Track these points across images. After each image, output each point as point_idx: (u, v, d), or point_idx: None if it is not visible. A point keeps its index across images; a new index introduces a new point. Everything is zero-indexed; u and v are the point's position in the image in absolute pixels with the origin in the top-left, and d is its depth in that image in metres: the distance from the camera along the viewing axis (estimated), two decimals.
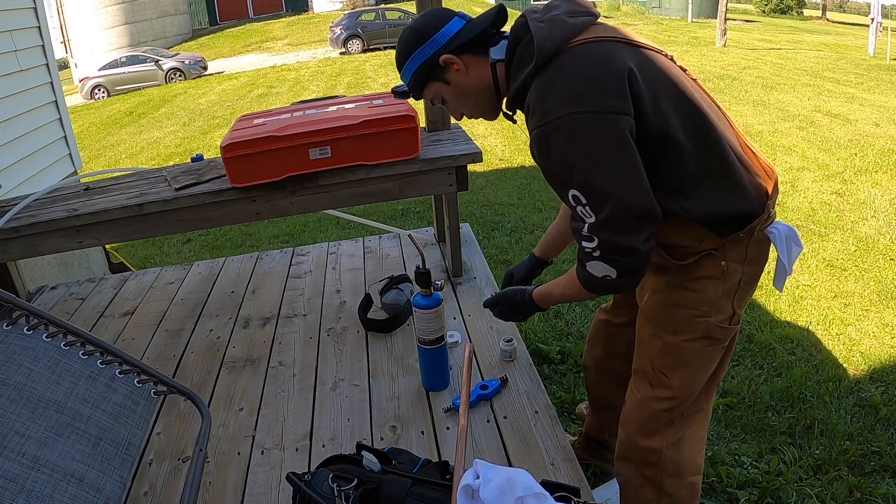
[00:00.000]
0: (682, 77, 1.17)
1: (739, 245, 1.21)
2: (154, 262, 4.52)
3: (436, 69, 1.22)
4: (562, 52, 1.10)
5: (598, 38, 1.12)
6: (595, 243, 1.11)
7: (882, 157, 5.44)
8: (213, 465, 1.60)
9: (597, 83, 1.06)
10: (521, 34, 1.17)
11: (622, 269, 1.12)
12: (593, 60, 1.08)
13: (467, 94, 1.26)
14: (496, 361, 1.89)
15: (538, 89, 1.10)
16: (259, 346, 2.12)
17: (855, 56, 12.77)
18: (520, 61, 1.16)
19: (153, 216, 2.08)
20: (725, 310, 1.25)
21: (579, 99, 1.05)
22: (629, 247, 1.09)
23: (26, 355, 1.26)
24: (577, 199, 1.09)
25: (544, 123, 1.08)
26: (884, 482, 1.93)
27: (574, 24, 1.13)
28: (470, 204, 4.87)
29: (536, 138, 1.10)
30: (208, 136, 9.26)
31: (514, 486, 0.99)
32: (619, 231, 1.09)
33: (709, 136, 1.14)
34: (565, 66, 1.09)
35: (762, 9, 30.36)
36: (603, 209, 1.08)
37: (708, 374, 1.34)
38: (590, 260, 1.14)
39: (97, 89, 17.04)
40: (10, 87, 3.20)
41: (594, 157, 1.06)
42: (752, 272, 1.26)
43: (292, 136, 1.98)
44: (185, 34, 25.13)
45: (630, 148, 1.07)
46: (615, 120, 1.05)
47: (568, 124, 1.05)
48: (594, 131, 1.05)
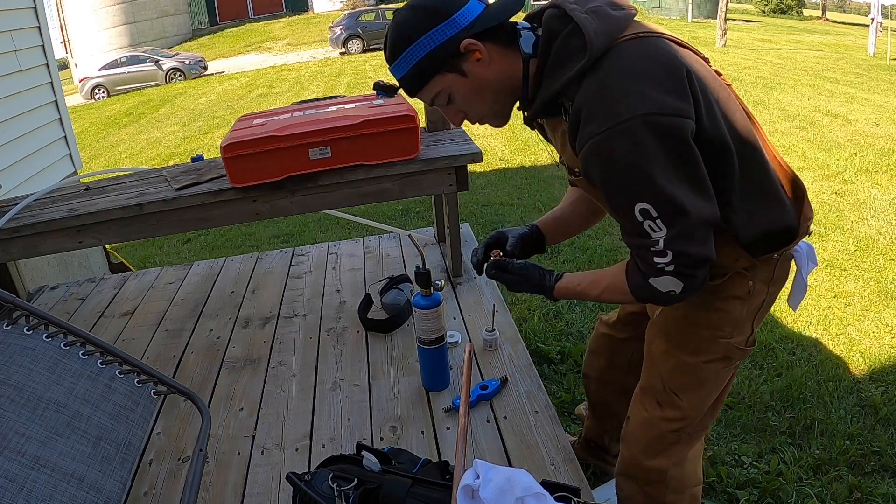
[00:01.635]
0: (721, 83, 1.08)
1: (768, 264, 1.15)
2: (154, 262, 4.52)
3: (451, 58, 1.04)
4: (612, 47, 0.98)
5: (647, 33, 1.01)
6: (669, 258, 1.01)
7: (882, 157, 5.44)
8: (213, 465, 1.60)
9: (661, 83, 0.95)
10: (557, 26, 1.03)
11: (693, 283, 1.04)
12: (652, 57, 0.98)
13: (484, 91, 1.09)
14: (496, 361, 1.89)
15: (593, 90, 0.97)
16: (259, 346, 2.12)
17: (855, 56, 12.77)
18: (561, 57, 1.01)
19: (153, 216, 2.08)
20: (746, 330, 1.20)
21: (646, 100, 0.94)
22: (705, 258, 1.02)
23: (26, 355, 1.26)
24: (645, 213, 0.99)
25: (606, 128, 0.95)
26: (884, 482, 1.93)
27: (619, 17, 1.02)
28: (470, 204, 4.87)
29: (596, 147, 0.97)
30: (208, 136, 9.26)
31: (514, 486, 0.99)
32: (695, 243, 1.00)
33: (753, 147, 1.07)
34: (623, 63, 0.97)
35: (762, 9, 30.37)
36: (677, 221, 0.98)
37: (718, 394, 1.29)
38: (659, 275, 1.04)
39: (97, 89, 17.05)
40: (10, 87, 3.20)
41: (666, 164, 0.95)
42: (774, 292, 1.20)
43: (292, 136, 1.98)
44: (185, 34, 25.13)
45: (697, 155, 0.98)
46: (682, 124, 0.95)
47: (635, 128, 0.93)
48: (663, 135, 0.94)
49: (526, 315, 3.00)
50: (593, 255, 3.71)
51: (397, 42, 1.04)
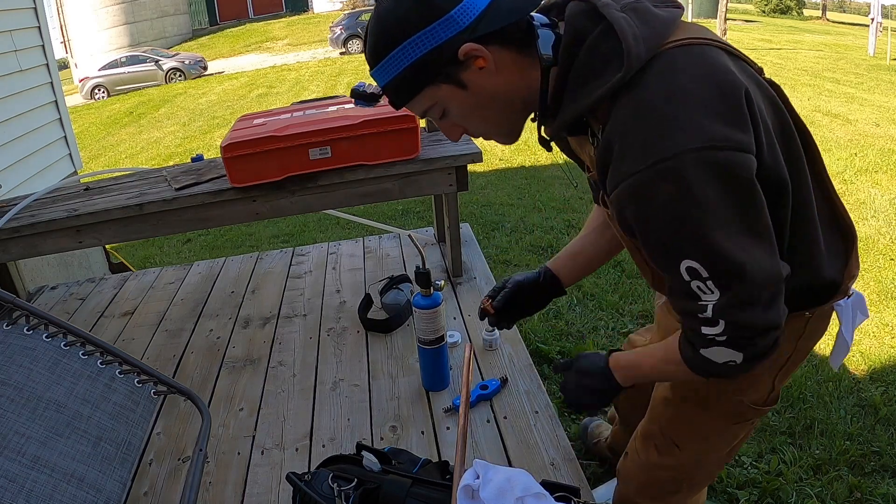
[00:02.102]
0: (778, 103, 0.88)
1: (798, 320, 0.97)
2: (154, 262, 4.52)
3: (447, 66, 0.82)
4: (655, 56, 0.77)
5: (698, 40, 0.80)
6: (720, 328, 0.82)
7: (882, 157, 5.44)
8: (213, 465, 1.60)
9: (715, 107, 0.75)
10: (584, 25, 0.81)
11: (755, 353, 0.85)
12: (705, 74, 0.77)
13: (489, 106, 0.87)
14: (496, 361, 1.89)
15: (629, 115, 0.77)
16: (259, 346, 2.12)
17: (855, 56, 12.77)
18: (589, 67, 0.81)
19: (153, 216, 2.08)
20: (763, 388, 1.04)
21: (697, 130, 0.74)
22: (771, 325, 0.83)
23: (26, 355, 1.26)
24: (693, 273, 0.80)
25: (646, 167, 0.75)
26: (884, 482, 1.93)
27: (666, 17, 0.81)
28: (470, 204, 4.87)
29: (632, 190, 0.77)
30: (208, 136, 9.26)
31: (514, 486, 0.98)
32: (754, 309, 0.81)
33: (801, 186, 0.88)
34: (667, 81, 0.76)
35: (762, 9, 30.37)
36: (732, 284, 0.79)
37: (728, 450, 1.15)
38: (709, 346, 0.86)
39: (97, 89, 17.06)
40: (10, 87, 3.20)
41: (723, 213, 0.76)
42: (804, 347, 1.03)
43: (292, 136, 1.98)
44: (185, 34, 25.14)
45: (762, 198, 0.79)
46: (743, 161, 0.75)
47: (682, 168, 0.74)
48: (720, 176, 0.74)
49: None
50: None
51: (379, 42, 0.82)
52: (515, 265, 3.71)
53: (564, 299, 3.14)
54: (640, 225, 0.81)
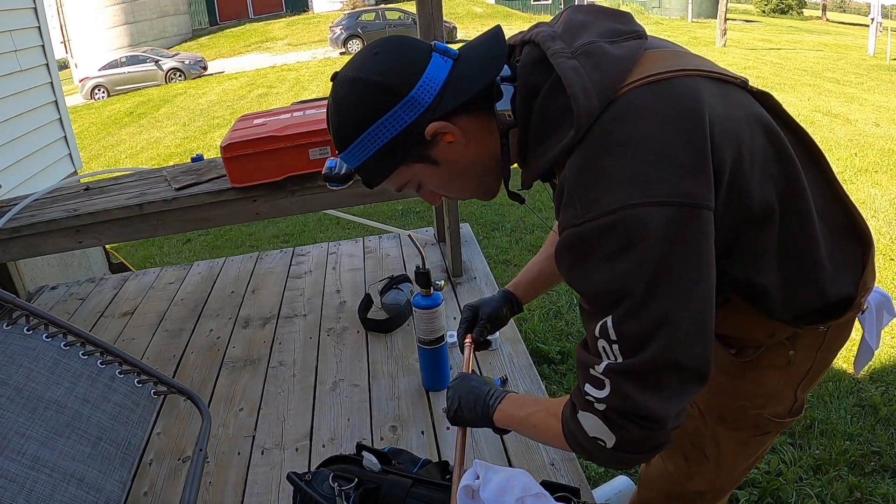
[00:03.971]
0: (766, 118, 0.81)
1: (816, 333, 0.93)
2: (154, 262, 4.52)
3: (416, 145, 0.80)
4: (611, 102, 0.73)
5: (664, 74, 0.74)
6: (605, 392, 0.75)
7: (882, 157, 5.44)
8: (213, 465, 1.60)
9: (668, 153, 0.70)
10: (536, 77, 0.78)
11: (626, 443, 0.76)
12: (663, 112, 0.72)
13: (463, 176, 0.85)
14: (496, 361, 1.89)
15: (576, 167, 0.73)
16: (259, 346, 2.12)
17: (855, 56, 12.77)
18: (542, 123, 0.78)
19: (153, 216, 2.08)
20: (785, 400, 0.99)
21: (648, 182, 0.69)
22: (654, 415, 0.73)
23: (26, 355, 1.26)
24: (604, 332, 0.74)
25: (585, 220, 0.71)
26: (884, 482, 1.93)
27: (621, 56, 0.75)
28: (470, 204, 4.87)
29: (571, 241, 0.73)
30: (208, 136, 9.26)
31: (514, 486, 0.98)
32: (648, 388, 0.73)
33: (800, 209, 0.81)
34: (618, 127, 0.72)
35: (762, 9, 30.38)
36: (638, 352, 0.72)
37: (753, 460, 1.12)
38: (587, 409, 0.78)
39: (97, 89, 17.05)
40: (10, 87, 3.20)
41: (660, 277, 0.70)
42: (826, 357, 0.98)
43: (292, 136, 1.98)
44: (185, 34, 25.13)
45: (710, 258, 0.72)
46: (696, 217, 0.70)
47: (625, 223, 0.69)
48: (665, 234, 0.69)
49: (526, 315, 3.00)
50: None
51: (343, 129, 0.81)
52: (515, 265, 3.71)
53: (564, 299, 3.14)
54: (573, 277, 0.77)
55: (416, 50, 0.80)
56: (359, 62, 0.81)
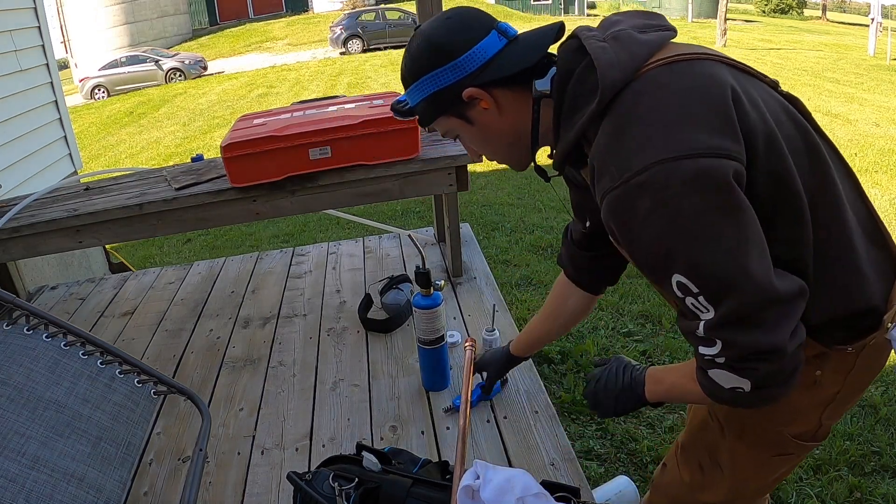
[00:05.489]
0: (796, 115, 0.86)
1: (845, 356, 0.92)
2: (154, 262, 4.52)
3: (454, 103, 0.91)
4: (635, 79, 0.79)
5: (683, 56, 0.81)
6: (717, 348, 0.79)
7: (882, 157, 5.44)
8: (213, 465, 1.60)
9: (692, 115, 0.75)
10: (573, 60, 0.85)
11: (760, 380, 0.79)
12: (683, 84, 0.78)
13: (494, 141, 0.96)
14: None
15: (607, 136, 0.79)
16: (259, 346, 2.12)
17: (855, 56, 12.77)
18: (574, 99, 0.84)
19: (153, 216, 2.08)
20: (809, 421, 0.99)
21: (670, 140, 0.74)
22: (769, 348, 0.77)
23: (26, 355, 1.26)
24: (684, 289, 0.78)
25: (621, 182, 0.76)
26: (884, 482, 1.93)
27: (648, 40, 0.83)
28: (470, 204, 4.87)
29: (612, 206, 0.78)
30: (208, 136, 9.26)
31: (514, 486, 0.98)
32: (751, 327, 0.76)
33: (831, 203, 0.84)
34: (642, 97, 0.78)
35: (762, 9, 30.38)
36: (723, 300, 0.76)
37: (769, 480, 1.10)
38: (712, 367, 0.82)
39: (97, 89, 17.04)
40: (10, 87, 3.20)
41: (700, 225, 0.74)
42: (857, 382, 0.96)
43: (292, 136, 1.98)
44: (185, 34, 25.13)
45: (747, 208, 0.76)
46: (722, 167, 0.73)
47: (656, 179, 0.73)
48: (695, 186, 0.73)
49: (526, 315, 3.00)
50: None
51: (406, 72, 0.94)
52: (515, 265, 3.71)
53: None
54: (624, 241, 0.81)
55: (480, 24, 0.90)
56: (432, 21, 0.93)
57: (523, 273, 3.56)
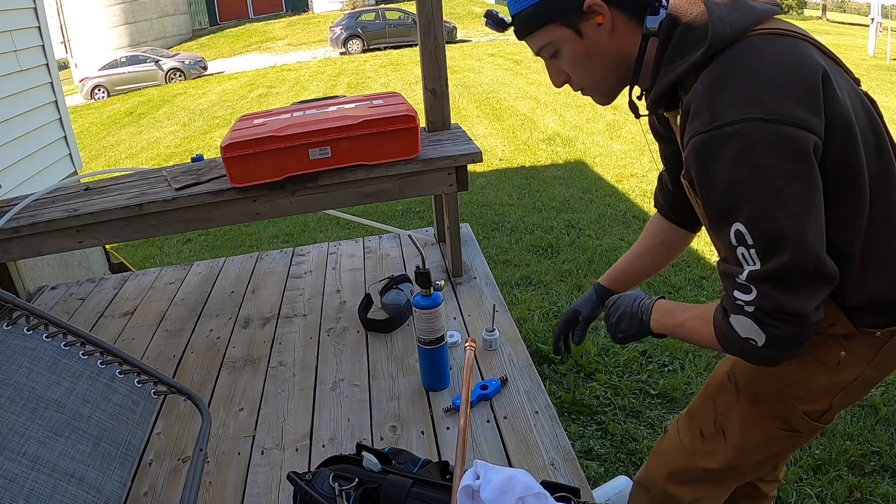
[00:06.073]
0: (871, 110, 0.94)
1: (871, 342, 0.97)
2: (154, 262, 4.52)
3: (571, 12, 0.91)
4: (740, 40, 0.86)
5: (787, 31, 0.88)
6: (752, 296, 0.86)
7: None
8: (213, 465, 1.60)
9: (785, 85, 0.82)
10: (686, 9, 0.90)
11: (775, 340, 0.86)
12: (782, 56, 0.84)
13: (597, 61, 0.96)
14: (496, 361, 1.89)
15: (707, 83, 0.85)
16: (259, 346, 2.12)
17: (855, 56, 12.76)
18: (680, 44, 0.90)
19: (153, 216, 2.08)
20: (820, 402, 1.03)
21: (764, 102, 0.81)
22: (797, 312, 0.84)
23: (26, 355, 1.26)
24: (740, 238, 0.85)
25: (711, 128, 0.82)
26: (884, 482, 1.93)
27: (759, 9, 0.89)
28: (470, 204, 4.87)
29: (698, 147, 0.85)
30: (208, 136, 9.26)
31: (515, 486, 0.98)
32: (789, 289, 0.84)
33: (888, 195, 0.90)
34: (745, 58, 0.84)
35: None
36: (774, 256, 0.83)
37: (769, 455, 1.14)
38: (738, 313, 0.89)
39: (97, 89, 17.04)
40: (10, 87, 3.20)
41: (773, 184, 0.81)
42: (873, 376, 1.01)
43: (292, 136, 1.98)
44: (185, 34, 25.13)
45: (818, 181, 0.83)
46: (804, 138, 0.81)
47: (744, 133, 0.80)
48: (777, 148, 0.80)
49: (526, 315, 3.00)
50: (593, 255, 3.71)
51: None
52: (515, 265, 3.71)
53: (564, 299, 3.14)
54: (700, 182, 0.87)
55: None
56: None
57: (523, 273, 3.56)
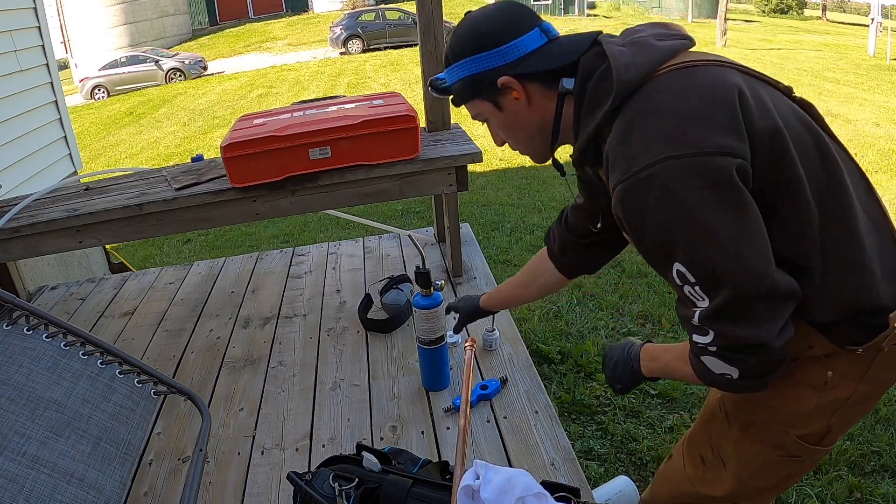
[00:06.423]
0: (806, 118, 0.91)
1: (857, 359, 0.92)
2: (154, 262, 4.52)
3: (489, 88, 0.97)
4: (649, 81, 0.86)
5: (696, 62, 0.88)
6: (710, 337, 0.85)
7: (882, 157, 5.44)
8: (213, 465, 1.60)
9: (699, 115, 0.81)
10: (594, 63, 0.92)
11: (748, 371, 0.85)
12: (693, 86, 0.84)
13: (519, 129, 1.01)
14: (496, 361, 1.89)
15: (618, 132, 0.85)
16: (259, 346, 2.12)
17: (855, 56, 12.77)
18: (593, 98, 0.90)
19: (153, 216, 2.08)
20: (814, 425, 0.98)
21: (677, 138, 0.80)
22: (758, 342, 0.82)
23: (26, 355, 1.26)
24: (683, 277, 0.84)
25: (630, 175, 0.82)
26: (884, 482, 1.93)
27: (664, 47, 0.89)
28: (470, 204, 4.87)
29: (621, 196, 0.84)
30: (208, 136, 9.26)
31: (515, 486, 0.98)
32: (743, 320, 0.82)
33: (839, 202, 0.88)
34: (652, 99, 0.85)
35: (762, 9, 30.39)
36: (718, 291, 0.81)
37: (775, 481, 1.09)
38: (704, 354, 0.88)
39: (97, 89, 17.03)
40: (10, 87, 3.20)
41: (701, 219, 0.80)
42: (869, 391, 0.96)
43: (292, 136, 1.98)
44: (185, 34, 25.12)
45: (749, 204, 0.81)
46: (724, 164, 0.79)
47: (663, 173, 0.80)
48: (700, 182, 0.79)
49: (526, 315, 3.00)
50: None
51: (449, 51, 1.00)
52: (515, 265, 3.71)
53: (564, 299, 3.14)
54: (631, 230, 0.87)
55: (525, 20, 0.95)
56: (483, 9, 0.98)
57: None
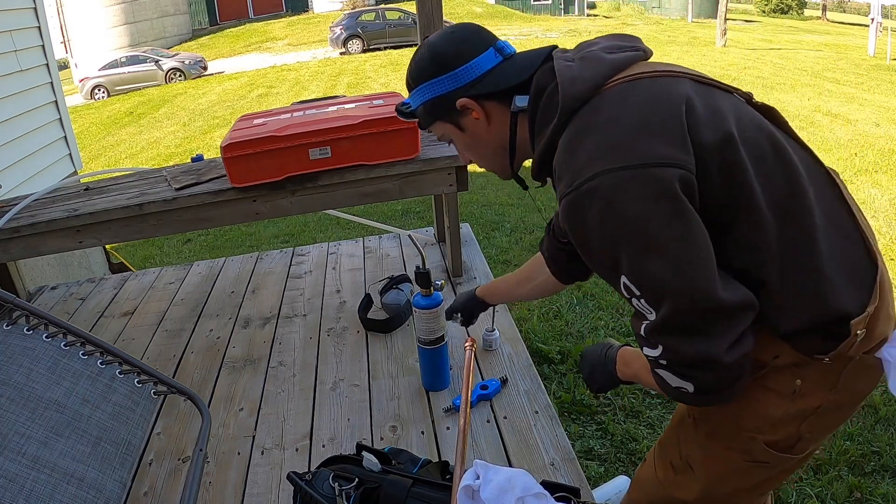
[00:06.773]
0: (764, 123, 0.89)
1: (825, 368, 0.89)
2: (154, 262, 4.52)
3: (449, 110, 0.98)
4: (596, 95, 0.86)
5: (645, 73, 0.87)
6: (658, 351, 0.84)
7: (882, 157, 5.44)
8: (213, 465, 1.60)
9: (642, 127, 0.81)
10: (546, 80, 0.91)
11: (703, 386, 0.83)
12: (638, 99, 0.83)
13: (481, 148, 1.03)
14: (496, 361, 1.89)
15: (563, 145, 0.86)
16: (259, 346, 2.12)
17: (855, 56, 12.77)
18: (544, 114, 0.91)
19: (153, 216, 2.08)
20: (783, 432, 0.94)
21: (619, 150, 0.79)
22: (707, 358, 0.80)
23: (26, 355, 1.26)
24: (629, 290, 0.83)
25: (573, 188, 0.81)
26: (884, 482, 1.93)
27: (613, 59, 0.88)
28: (470, 204, 4.87)
29: (566, 209, 0.84)
30: (208, 136, 9.26)
31: (515, 486, 0.98)
32: (691, 334, 0.80)
33: (798, 209, 0.84)
34: (599, 111, 0.84)
35: (762, 9, 30.39)
36: (662, 303, 0.80)
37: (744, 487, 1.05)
38: (657, 368, 0.87)
39: (97, 89, 17.02)
40: (10, 87, 3.20)
41: (643, 230, 0.79)
42: (840, 401, 0.92)
43: (292, 136, 1.98)
44: (185, 34, 25.12)
45: (691, 215, 0.79)
46: (666, 175, 0.78)
47: (604, 186, 0.79)
48: (641, 193, 0.78)
49: (526, 315, 3.00)
50: None
51: (409, 77, 1.02)
52: (515, 265, 3.71)
53: (564, 299, 3.14)
54: (578, 244, 0.87)
55: (480, 40, 0.97)
56: (439, 33, 1.01)
57: None
